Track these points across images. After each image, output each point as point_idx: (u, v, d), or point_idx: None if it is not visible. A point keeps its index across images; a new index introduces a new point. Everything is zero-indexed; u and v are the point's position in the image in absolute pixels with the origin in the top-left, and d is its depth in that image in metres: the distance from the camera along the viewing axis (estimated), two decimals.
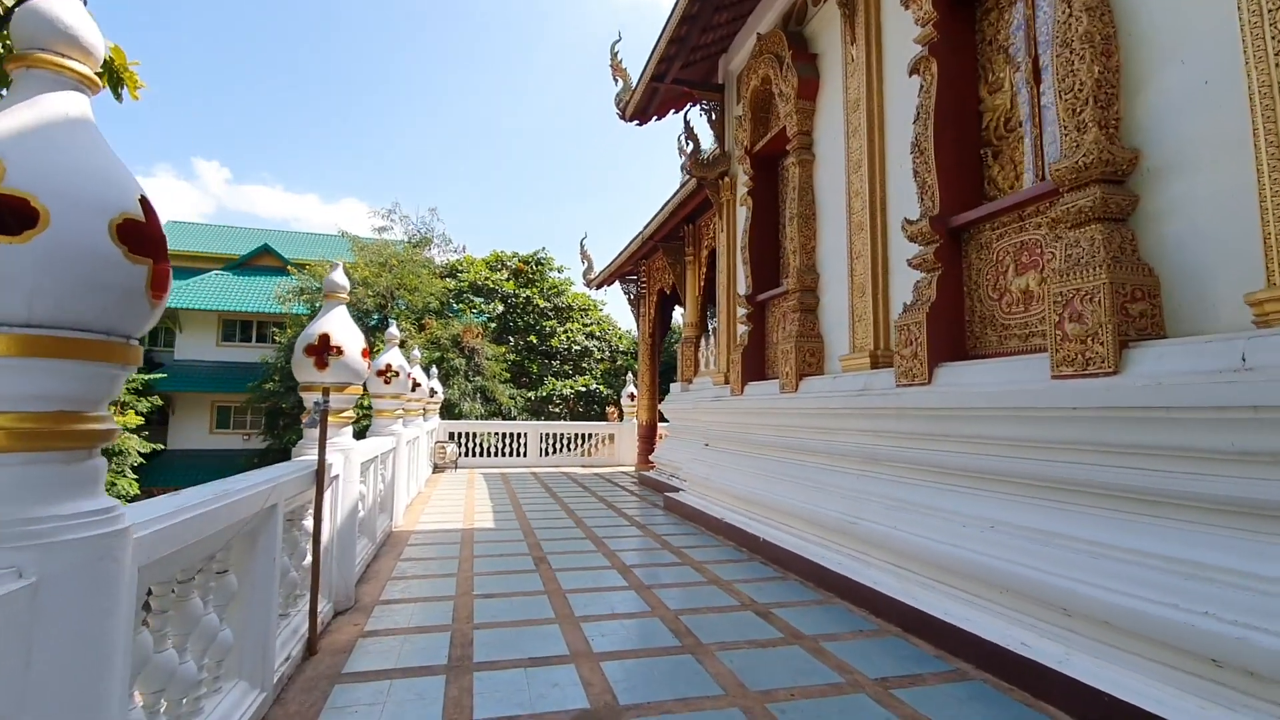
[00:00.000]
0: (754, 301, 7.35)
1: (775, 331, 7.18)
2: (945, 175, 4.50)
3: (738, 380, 7.35)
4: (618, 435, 15.93)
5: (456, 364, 18.10)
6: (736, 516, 6.56)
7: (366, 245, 20.97)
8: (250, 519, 2.61)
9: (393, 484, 7.02)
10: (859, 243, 5.48)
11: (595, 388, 21.09)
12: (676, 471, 9.98)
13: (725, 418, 7.70)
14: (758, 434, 6.81)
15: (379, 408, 7.20)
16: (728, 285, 8.25)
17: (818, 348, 6.07)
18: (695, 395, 10.05)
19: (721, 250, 8.54)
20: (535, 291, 22.63)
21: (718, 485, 7.28)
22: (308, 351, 4.16)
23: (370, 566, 5.36)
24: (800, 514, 5.44)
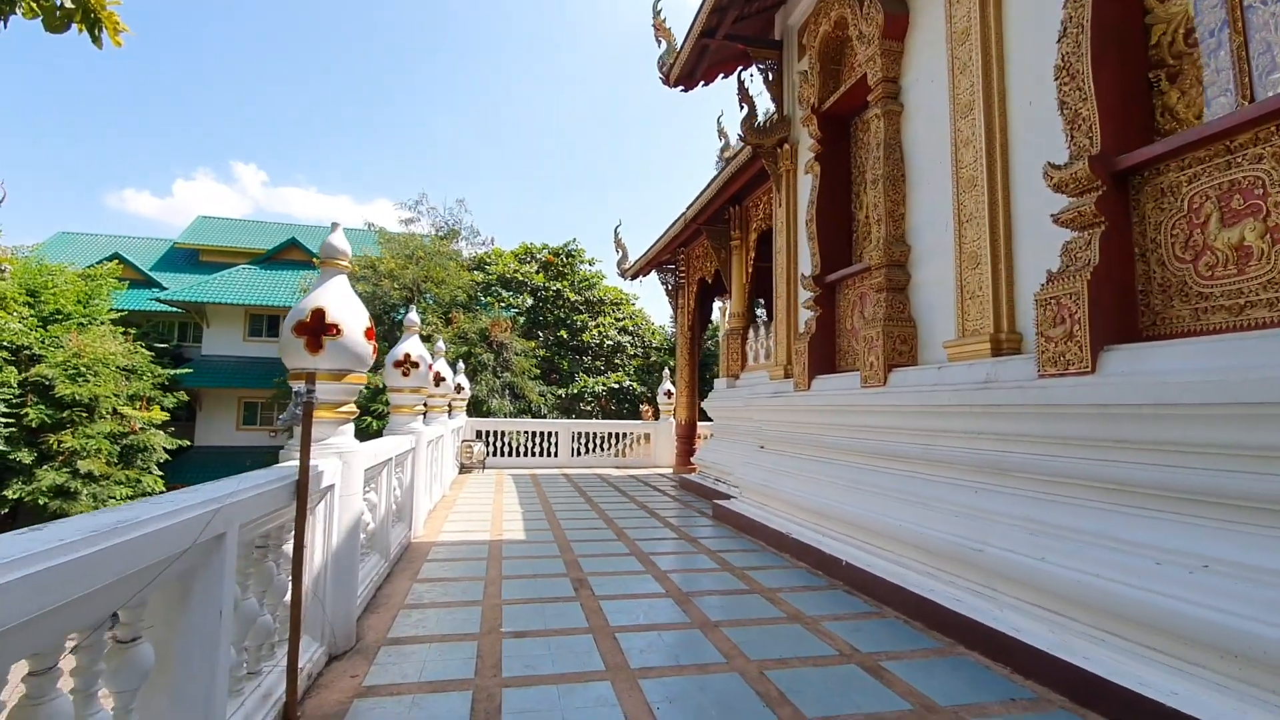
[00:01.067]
0: (822, 283, 6.37)
1: (849, 317, 6.19)
2: (1107, 104, 3.49)
3: (803, 374, 6.38)
4: (654, 435, 15.03)
5: (484, 359, 17.38)
6: (806, 532, 5.60)
7: (393, 238, 20.40)
8: (175, 559, 1.75)
9: (411, 489, 6.20)
10: (970, 203, 4.48)
11: (628, 385, 20.19)
12: (725, 476, 9.04)
13: (787, 416, 6.73)
14: (830, 436, 5.83)
15: (396, 403, 6.40)
16: (787, 267, 7.28)
17: (909, 333, 5.07)
18: (745, 391, 9.10)
19: (779, 227, 7.58)
20: (566, 285, 21.80)
21: (779, 494, 6.32)
22: (298, 330, 3.33)
23: (381, 589, 4.53)
24: (896, 534, 4.46)
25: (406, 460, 6.11)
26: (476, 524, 7.15)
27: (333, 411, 3.43)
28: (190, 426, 22.63)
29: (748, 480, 7.21)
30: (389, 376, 6.30)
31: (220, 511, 1.96)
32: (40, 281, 18.63)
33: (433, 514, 7.68)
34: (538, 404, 18.07)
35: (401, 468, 6.00)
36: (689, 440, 13.50)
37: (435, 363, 9.50)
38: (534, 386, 18.14)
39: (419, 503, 6.44)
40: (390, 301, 18.54)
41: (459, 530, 6.76)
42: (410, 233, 20.84)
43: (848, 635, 3.72)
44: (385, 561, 4.87)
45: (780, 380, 7.16)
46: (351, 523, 3.48)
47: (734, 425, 9.42)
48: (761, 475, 6.92)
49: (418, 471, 6.38)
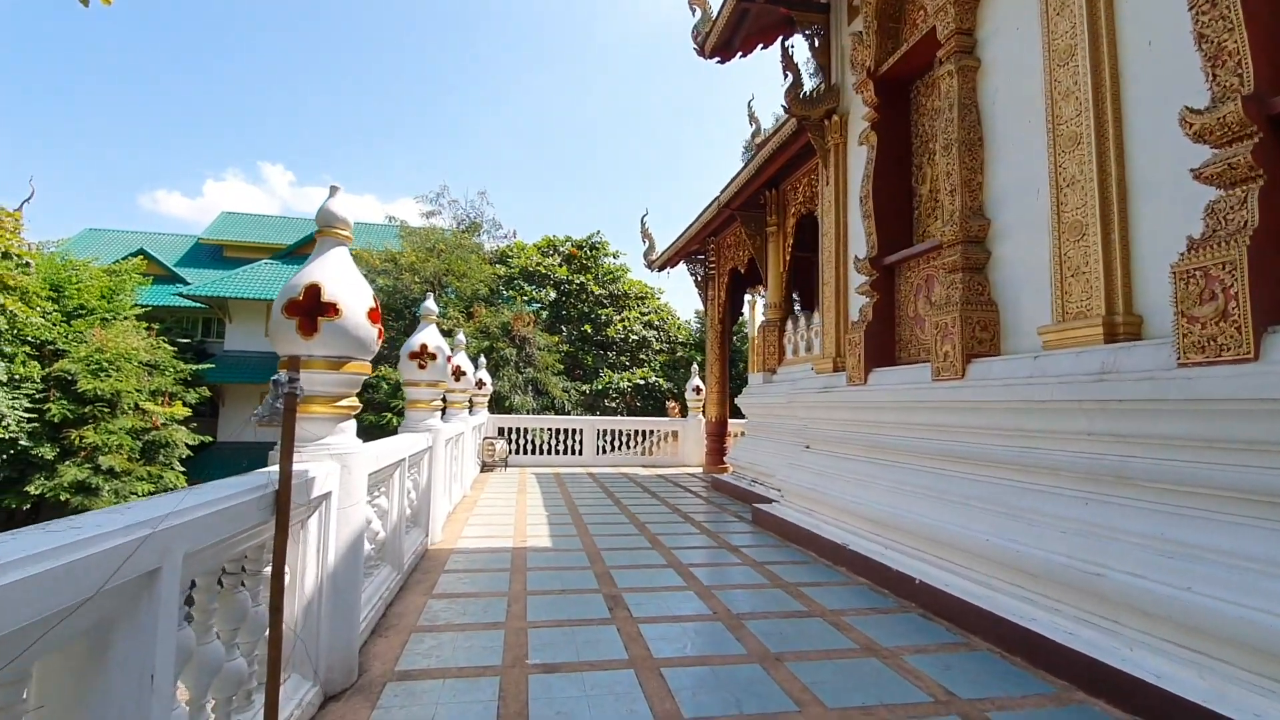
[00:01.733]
0: (879, 266, 5.73)
1: (911, 302, 5.55)
2: (1261, 33, 2.85)
3: (857, 366, 5.75)
4: (682, 432, 14.45)
5: (506, 354, 16.91)
6: (865, 543, 4.99)
7: (414, 231, 20.04)
8: (69, 613, 1.22)
9: (428, 492, 5.71)
10: (1071, 164, 3.83)
11: (654, 380, 19.59)
12: (764, 478, 8.44)
13: (838, 414, 6.11)
14: (892, 435, 5.20)
15: (412, 397, 5.91)
16: (836, 250, 6.65)
17: (990, 319, 4.43)
18: (785, 387, 8.47)
19: (826, 208, 6.94)
20: (589, 278, 21.25)
21: (829, 499, 5.71)
22: (289, 310, 2.82)
23: (393, 606, 4.02)
24: (981, 551, 3.84)
25: (422, 460, 5.61)
26: (498, 528, 6.64)
27: (329, 406, 2.91)
28: (213, 422, 22.55)
29: (792, 483, 6.60)
30: (404, 370, 5.81)
31: (151, 540, 1.43)
32: (64, 277, 18.59)
33: (452, 517, 7.19)
34: (561, 400, 17.58)
35: (417, 468, 5.51)
36: (719, 438, 12.89)
37: (455, 356, 9.03)
38: (557, 382, 17.64)
39: (437, 506, 5.94)
40: (411, 295, 18.13)
41: (480, 536, 6.25)
42: (431, 226, 20.48)
43: (938, 675, 3.11)
44: (398, 574, 4.37)
45: (829, 374, 6.53)
46: (352, 537, 2.96)
47: (772, 423, 8.81)
48: (808, 478, 6.31)
49: (435, 472, 5.88)
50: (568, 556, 5.43)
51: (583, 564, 5.17)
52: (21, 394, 16.51)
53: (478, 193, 33.12)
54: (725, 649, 3.41)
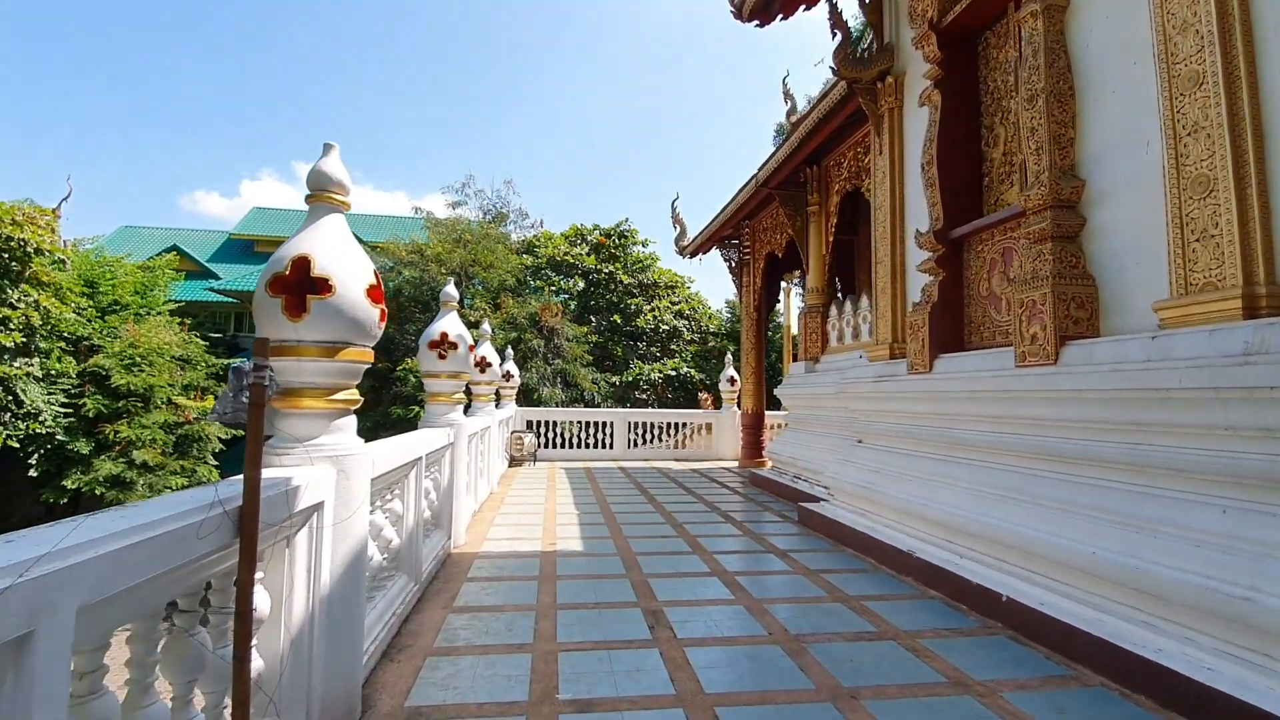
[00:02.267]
0: (945, 240, 5.13)
1: (983, 280, 4.95)
2: None
3: (921, 352, 5.17)
4: (716, 425, 13.92)
5: (534, 345, 16.54)
6: (937, 552, 4.43)
7: (440, 222, 19.77)
8: None
9: (450, 492, 5.30)
10: (1192, 109, 3.21)
11: (686, 371, 19.04)
12: (808, 474, 7.89)
13: (897, 405, 5.54)
14: (964, 429, 4.63)
15: (433, 390, 5.51)
16: (891, 225, 6.04)
17: (1087, 294, 3.82)
18: (830, 377, 7.90)
19: (879, 179, 6.33)
20: (618, 267, 20.73)
21: (889, 500, 5.16)
22: (274, 288, 2.39)
23: (409, 622, 3.61)
24: (1088, 567, 3.27)
25: (443, 458, 5.20)
26: (526, 529, 6.22)
27: (323, 399, 2.48)
28: None
29: (844, 481, 6.05)
30: (424, 360, 5.40)
31: (7, 596, 0.98)
32: (98, 273, 18.75)
33: (478, 516, 6.80)
34: (590, 392, 17.16)
35: (437, 467, 5.10)
36: (756, 431, 12.35)
37: (480, 346, 8.64)
38: (586, 374, 17.21)
39: (460, 506, 5.53)
40: (438, 287, 17.86)
41: (506, 538, 5.83)
42: (457, 217, 20.19)
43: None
44: (415, 584, 3.96)
45: (884, 362, 5.95)
46: (352, 554, 2.53)
47: (817, 415, 8.24)
48: (863, 476, 5.76)
49: (458, 470, 5.47)
50: (601, 562, 4.98)
51: (618, 571, 4.71)
52: (58, 389, 16.70)
53: (504, 182, 32.68)
54: (789, 681, 2.91)
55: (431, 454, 4.58)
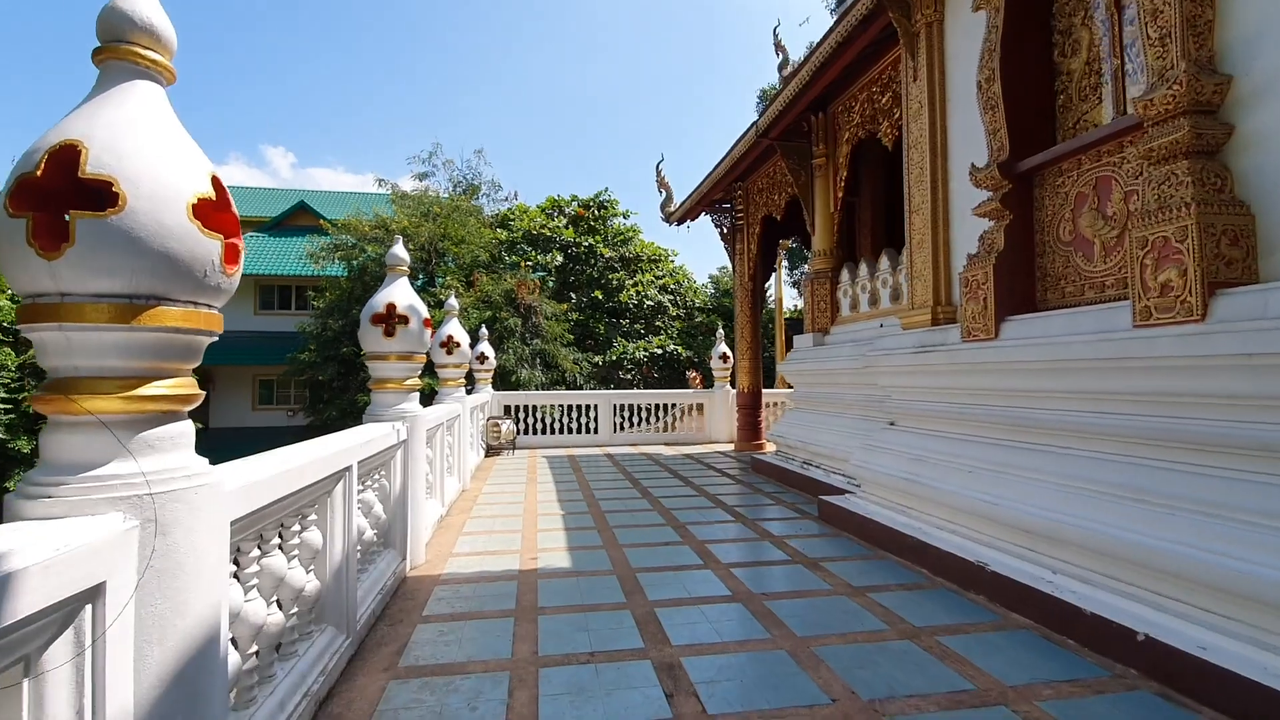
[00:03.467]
0: (1012, 173, 4.14)
1: (1067, 220, 3.96)
2: None
3: (981, 315, 4.20)
4: (708, 405, 12.97)
5: (511, 325, 15.39)
6: (1021, 566, 3.51)
7: (407, 195, 18.40)
8: None
9: (405, 499, 4.26)
10: None
11: (672, 349, 18.03)
12: (821, 459, 6.95)
13: (945, 380, 4.59)
14: (1046, 409, 3.69)
15: (379, 375, 4.44)
16: (931, 164, 5.04)
17: (1241, 227, 2.86)
18: (845, 349, 6.95)
19: (915, 110, 5.31)
20: (598, 240, 19.51)
21: (941, 495, 4.23)
22: (15, 201, 1.32)
23: (333, 699, 2.59)
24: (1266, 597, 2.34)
25: (392, 460, 4.15)
26: (501, 538, 5.21)
27: (119, 398, 1.41)
28: (204, 408, 21.31)
29: (875, 471, 5.12)
30: (367, 338, 4.36)
31: None
32: None
33: (445, 522, 5.77)
34: (572, 373, 16.08)
35: (385, 472, 4.07)
36: (753, 411, 11.43)
37: (447, 324, 7.56)
38: (567, 354, 16.12)
39: (419, 516, 4.50)
40: None
41: (477, 552, 4.81)
42: (424, 189, 18.82)
43: None
44: (348, 637, 2.93)
45: (924, 329, 4.98)
46: (183, 661, 1.48)
47: (831, 393, 7.30)
48: (900, 465, 4.82)
49: (414, 473, 4.43)
50: (594, 585, 3.99)
51: (615, 599, 3.73)
52: None
53: (474, 152, 30.93)
54: None
55: (371, 459, 3.53)
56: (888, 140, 6.92)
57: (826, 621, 3.36)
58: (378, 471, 3.91)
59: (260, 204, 26.66)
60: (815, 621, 3.35)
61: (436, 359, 7.54)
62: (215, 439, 19.90)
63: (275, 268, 21.67)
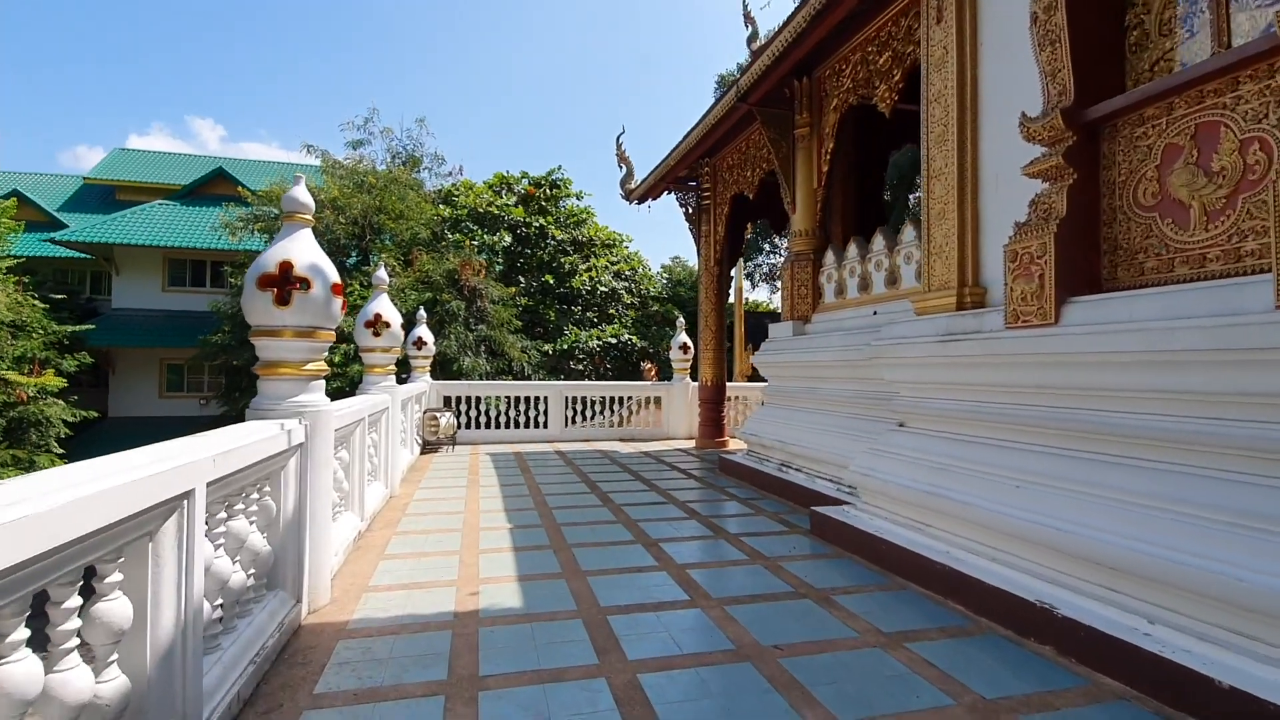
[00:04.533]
0: (1077, 123, 3.38)
1: (1154, 180, 3.21)
2: None
3: (1038, 296, 3.43)
4: (666, 399, 12.12)
5: (453, 308, 14.13)
6: (1100, 610, 2.77)
7: (339, 164, 16.78)
8: None
9: (298, 522, 3.21)
10: None
11: (627, 338, 17.09)
12: (802, 461, 6.17)
13: (980, 374, 3.83)
14: (1125, 413, 2.95)
15: (269, 357, 3.38)
16: (960, 119, 4.27)
17: None
18: (833, 339, 6.19)
19: (938, 58, 4.51)
20: (550, 221, 18.32)
21: (975, 515, 3.48)
22: None
23: None
24: None
25: (282, 471, 3.09)
26: (434, 563, 4.19)
27: None
28: (102, 394, 19.15)
29: (883, 480, 4.35)
30: (254, 309, 3.26)
31: None
32: None
33: (364, 540, 4.70)
34: (520, 362, 14.95)
35: (270, 486, 3.01)
36: (716, 406, 10.64)
37: (374, 301, 6.44)
38: (515, 341, 14.96)
39: (321, 543, 3.44)
40: (336, 238, 15.05)
41: (400, 585, 3.78)
42: (359, 158, 17.24)
43: None
44: None
45: (949, 314, 4.22)
46: None
47: (816, 388, 6.53)
48: (917, 474, 4.06)
49: (314, 485, 3.37)
50: (554, 635, 3.05)
51: (585, 659, 2.80)
52: None
53: (416, 121, 28.71)
54: None
55: (239, 474, 2.48)
56: (885, 106, 6.16)
57: (870, 694, 2.51)
58: (256, 488, 2.84)
59: (174, 170, 24.23)
60: (857, 695, 2.50)
61: (362, 341, 6.41)
62: (115, 431, 17.85)
63: (187, 239, 19.51)
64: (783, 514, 5.65)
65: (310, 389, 3.42)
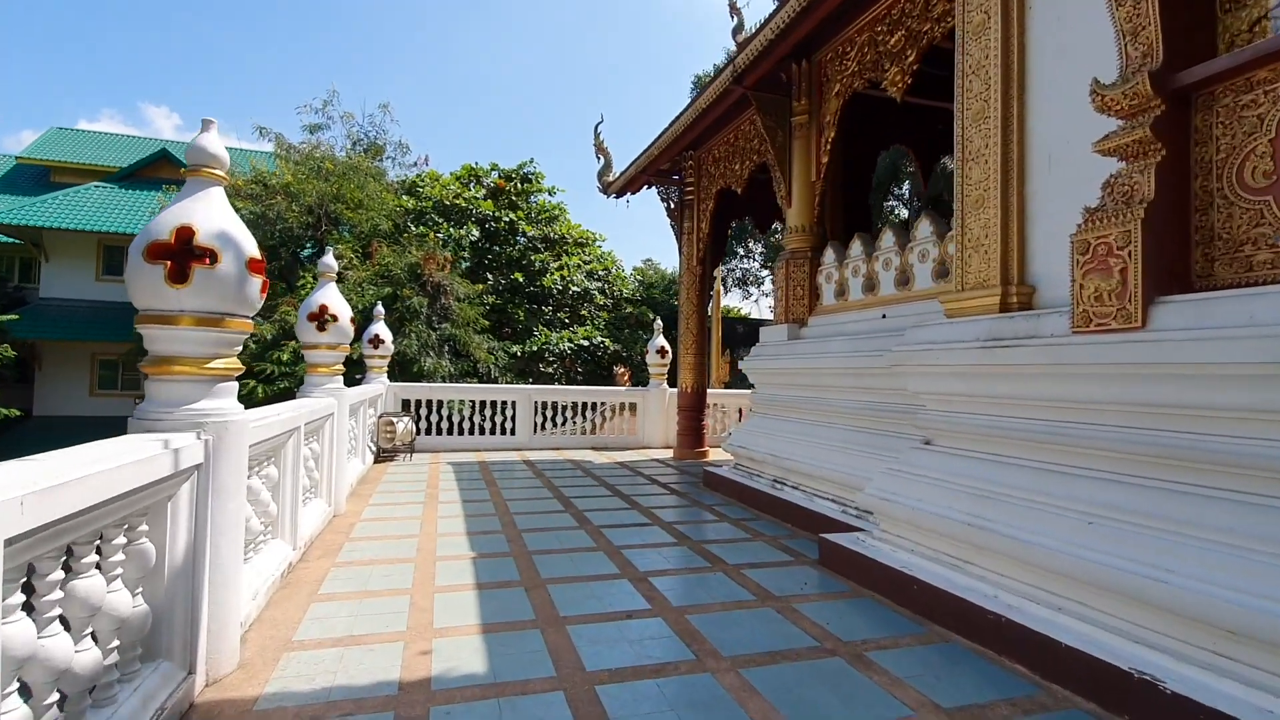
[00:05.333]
0: (1167, 90, 2.83)
1: (1264, 156, 2.67)
2: None
3: (1118, 294, 2.87)
4: (642, 406, 11.46)
5: (415, 304, 13.23)
6: (1230, 689, 2.18)
7: (295, 148, 15.71)
8: None
9: (194, 573, 2.46)
10: None
11: (599, 341, 16.36)
12: (798, 478, 5.56)
13: (1038, 387, 3.27)
14: (1235, 437, 2.40)
15: (161, 351, 2.61)
16: (1004, 92, 3.72)
17: None
18: (835, 344, 5.64)
19: (974, 28, 3.96)
20: (520, 216, 17.50)
21: (1042, 558, 2.93)
22: None
23: None
24: None
25: (168, 505, 2.33)
26: (378, 606, 3.44)
27: None
28: (27, 391, 17.63)
29: (908, 506, 3.76)
30: (140, 289, 2.50)
31: None
32: None
33: (294, 575, 3.92)
34: (486, 364, 14.11)
35: (150, 522, 2.25)
36: (696, 414, 10.02)
37: (320, 291, 5.66)
38: (481, 341, 14.12)
39: (226, 593, 2.68)
40: (287, 226, 13.99)
41: (333, 638, 3.03)
42: (317, 142, 16.18)
43: None
44: None
45: (990, 316, 3.65)
46: None
47: (816, 398, 5.94)
48: (953, 502, 3.48)
49: (218, 523, 2.61)
50: (527, 711, 2.35)
51: None
52: None
53: (379, 106, 27.41)
54: None
55: (91, 512, 1.73)
56: (896, 90, 5.65)
57: None
58: (122, 529, 2.09)
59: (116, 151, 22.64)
60: None
61: (304, 337, 5.59)
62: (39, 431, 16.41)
63: (125, 224, 18.05)
64: (782, 538, 5.03)
65: (216, 393, 2.65)
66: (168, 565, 2.36)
